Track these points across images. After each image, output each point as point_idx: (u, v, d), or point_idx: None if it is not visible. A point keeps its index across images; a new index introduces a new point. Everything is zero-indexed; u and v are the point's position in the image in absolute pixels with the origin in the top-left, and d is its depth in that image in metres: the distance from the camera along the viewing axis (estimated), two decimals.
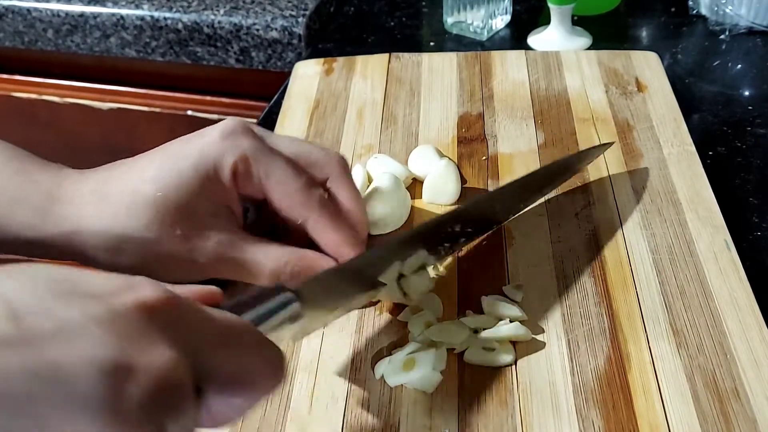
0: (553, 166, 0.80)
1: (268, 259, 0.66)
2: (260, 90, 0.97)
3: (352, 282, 0.64)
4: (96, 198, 0.66)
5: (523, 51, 1.03)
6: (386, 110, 0.94)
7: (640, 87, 0.94)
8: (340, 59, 1.04)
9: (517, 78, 0.98)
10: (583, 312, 0.67)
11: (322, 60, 1.04)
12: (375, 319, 0.68)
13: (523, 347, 0.64)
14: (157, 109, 1.34)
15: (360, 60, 1.03)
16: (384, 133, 0.90)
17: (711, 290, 0.68)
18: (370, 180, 0.81)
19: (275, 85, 1.09)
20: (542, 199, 0.78)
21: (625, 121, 0.88)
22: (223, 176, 0.65)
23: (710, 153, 0.90)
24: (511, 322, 0.65)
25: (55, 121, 1.40)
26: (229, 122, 0.67)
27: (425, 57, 1.03)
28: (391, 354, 0.65)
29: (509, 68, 0.99)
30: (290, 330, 0.54)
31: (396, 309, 0.69)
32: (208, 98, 1.31)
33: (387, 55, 1.04)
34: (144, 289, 0.42)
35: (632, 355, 0.63)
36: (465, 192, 0.80)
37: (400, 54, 1.04)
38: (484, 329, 0.65)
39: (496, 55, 1.02)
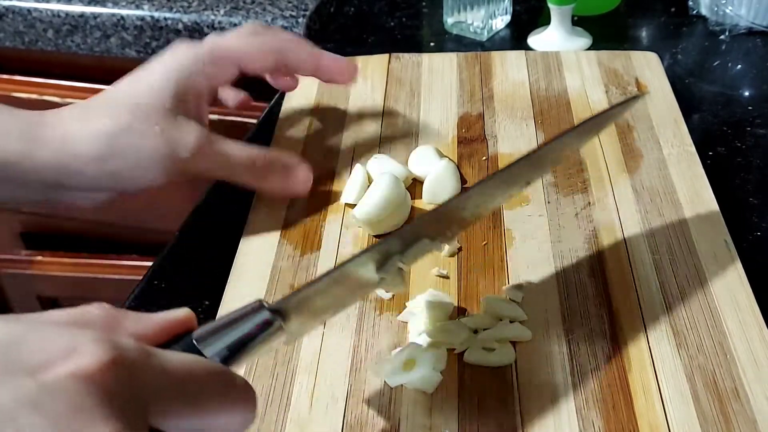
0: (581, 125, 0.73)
1: (242, 149, 0.75)
2: (261, 91, 0.97)
3: (341, 287, 0.60)
4: (78, 113, 0.74)
5: (523, 51, 1.03)
6: (386, 111, 0.94)
7: (640, 87, 0.94)
8: None
9: (517, 78, 0.97)
10: (583, 312, 0.67)
11: None
12: (375, 319, 0.68)
13: (523, 347, 0.64)
14: None
15: (360, 60, 1.03)
16: (384, 133, 0.90)
17: (711, 290, 0.68)
18: (370, 180, 0.81)
19: None
20: (543, 201, 0.78)
21: (625, 122, 0.88)
22: (196, 72, 0.77)
23: (710, 153, 0.90)
24: (511, 322, 0.65)
25: None
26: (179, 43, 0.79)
27: (425, 57, 1.03)
28: (391, 354, 0.65)
29: (509, 68, 0.99)
30: (275, 344, 0.53)
31: (396, 309, 0.69)
32: None
33: (387, 55, 1.04)
34: (84, 355, 0.40)
35: (632, 355, 0.63)
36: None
37: (400, 54, 1.04)
38: (484, 329, 0.65)
39: (496, 56, 1.02)
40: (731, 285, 0.68)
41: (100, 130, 0.72)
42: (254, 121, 0.99)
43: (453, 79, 0.99)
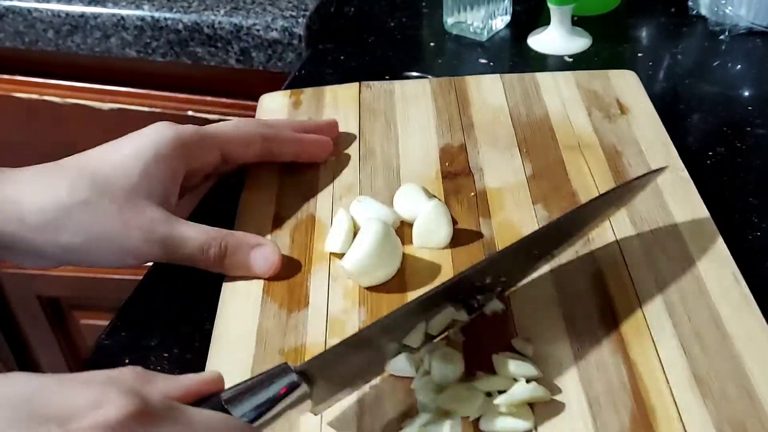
0: (598, 200, 0.73)
1: (198, 233, 0.71)
2: (260, 90, 0.97)
3: (366, 352, 0.61)
4: (37, 178, 0.70)
5: (498, 75, 0.99)
6: (362, 145, 0.89)
7: (622, 109, 0.91)
8: (308, 90, 0.99)
9: (495, 104, 0.94)
10: (599, 363, 0.63)
11: (288, 92, 0.99)
12: (377, 384, 0.63)
13: (541, 409, 0.60)
14: (158, 110, 1.34)
15: (328, 91, 0.99)
16: (363, 170, 0.86)
17: (727, 330, 0.65)
18: (356, 226, 0.76)
19: (276, 85, 1.08)
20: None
21: (612, 147, 0.86)
22: (169, 151, 0.74)
23: (710, 153, 0.89)
24: (527, 381, 0.61)
25: (55, 122, 1.40)
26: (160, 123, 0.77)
27: (397, 85, 0.98)
28: (401, 427, 0.60)
29: (486, 94, 0.96)
30: (302, 406, 0.54)
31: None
32: (209, 98, 1.30)
33: (356, 84, 0.99)
34: (110, 407, 0.41)
35: (657, 409, 0.60)
36: (457, 234, 0.76)
37: (370, 83, 0.99)
38: (498, 392, 0.61)
39: (471, 81, 0.98)
40: (747, 323, 0.65)
41: (53, 200, 0.69)
42: None
43: (429, 107, 0.94)
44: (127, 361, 0.71)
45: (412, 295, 0.71)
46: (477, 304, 0.67)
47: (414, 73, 1.09)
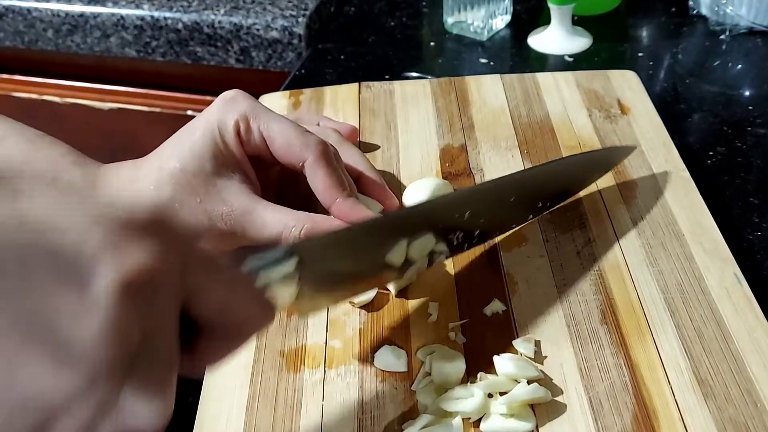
0: (574, 159, 0.79)
1: (276, 219, 0.69)
2: (260, 90, 0.97)
3: (355, 250, 0.62)
4: (129, 181, 0.71)
5: (498, 75, 0.98)
6: (362, 146, 0.89)
7: (623, 109, 0.91)
8: (308, 91, 0.99)
9: (495, 104, 0.94)
10: (601, 364, 0.63)
11: (288, 92, 0.99)
12: (378, 385, 0.63)
13: (542, 410, 0.60)
14: (158, 109, 1.34)
15: (328, 91, 0.98)
16: None
17: (729, 331, 0.64)
18: None
19: (275, 85, 1.08)
20: (541, 240, 0.75)
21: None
22: (228, 137, 0.71)
23: (710, 153, 0.89)
24: (528, 383, 0.61)
25: (55, 122, 1.40)
26: (227, 91, 0.73)
27: (397, 85, 0.98)
28: (402, 429, 0.60)
29: (486, 94, 0.95)
30: (287, 290, 0.54)
31: (400, 375, 0.64)
32: (208, 98, 1.30)
33: (356, 84, 0.99)
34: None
35: (659, 410, 0.59)
36: None
37: (370, 83, 0.99)
38: (499, 393, 0.61)
39: (471, 81, 0.98)
40: (749, 324, 0.65)
41: (146, 198, 0.70)
42: None
43: (429, 107, 0.94)
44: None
45: (412, 296, 0.71)
46: (456, 240, 0.68)
47: (414, 74, 1.09)
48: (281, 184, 0.78)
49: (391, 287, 0.71)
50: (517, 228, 0.76)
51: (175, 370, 0.41)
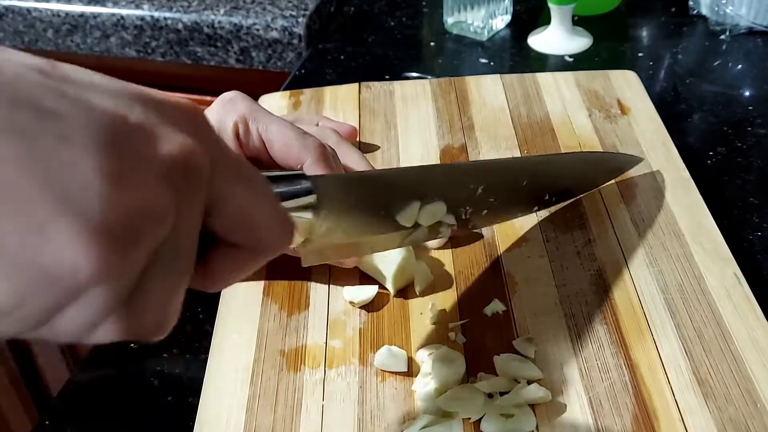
0: (586, 155, 0.79)
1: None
2: (260, 90, 0.97)
3: (370, 198, 0.61)
4: None
5: (498, 75, 0.98)
6: (362, 146, 0.89)
7: (623, 109, 0.91)
8: (308, 91, 0.99)
9: (495, 104, 0.93)
10: (601, 365, 0.63)
11: (288, 93, 0.99)
12: (378, 385, 0.63)
13: (542, 410, 0.60)
14: None
15: (328, 91, 0.98)
16: None
17: (729, 331, 0.64)
18: None
19: (275, 85, 1.08)
20: (541, 240, 0.75)
21: (613, 148, 0.85)
22: (227, 138, 0.70)
23: (711, 153, 0.89)
24: (528, 383, 0.61)
25: None
26: (226, 93, 0.73)
27: (397, 85, 0.98)
28: (402, 429, 0.60)
29: (486, 94, 0.95)
30: (303, 224, 0.54)
31: (400, 376, 0.64)
32: (208, 98, 1.30)
33: (356, 84, 0.98)
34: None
35: (659, 410, 0.59)
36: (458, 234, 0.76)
37: (370, 83, 0.98)
38: (500, 393, 0.61)
39: (471, 81, 0.98)
40: (749, 324, 0.65)
41: None
42: None
43: (429, 107, 0.94)
44: (126, 359, 0.71)
45: (412, 296, 0.71)
46: (465, 214, 0.68)
47: (414, 74, 1.09)
48: None
49: (390, 287, 0.70)
50: (519, 218, 0.76)
51: (188, 275, 0.40)
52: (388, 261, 0.70)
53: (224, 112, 0.71)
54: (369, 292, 0.70)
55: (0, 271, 0.32)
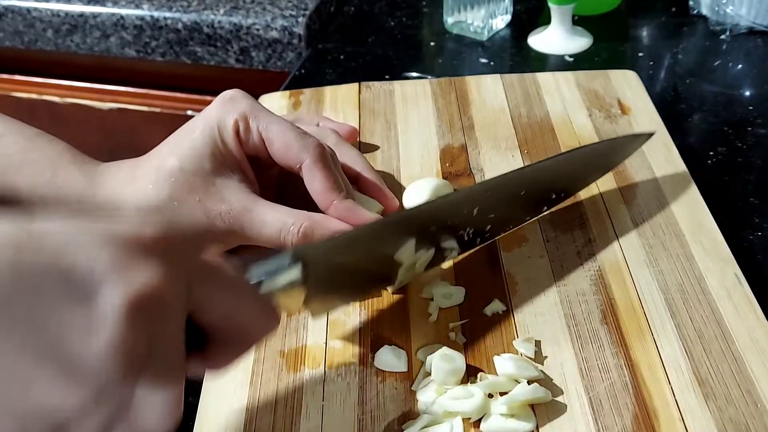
0: (584, 151, 0.79)
1: (275, 218, 0.69)
2: (260, 90, 0.97)
3: (361, 251, 0.62)
4: (127, 180, 0.71)
5: (498, 75, 0.98)
6: (362, 146, 0.89)
7: (623, 109, 0.91)
8: (307, 91, 0.98)
9: (495, 104, 0.93)
10: (602, 365, 0.63)
11: (288, 92, 0.99)
12: (378, 387, 0.63)
13: (542, 410, 0.60)
14: (157, 109, 1.34)
15: (328, 91, 0.98)
16: None
17: (730, 331, 0.64)
18: None
19: (275, 85, 1.08)
20: (541, 240, 0.74)
21: None
22: (227, 136, 0.71)
23: (711, 153, 0.89)
24: (528, 383, 0.61)
25: (55, 121, 1.40)
26: (227, 91, 0.73)
27: (397, 85, 0.98)
28: (402, 429, 0.59)
29: (486, 94, 0.95)
30: (295, 295, 0.54)
31: (400, 376, 0.64)
32: (208, 98, 1.29)
33: (356, 84, 0.98)
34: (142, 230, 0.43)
35: (659, 410, 0.59)
36: None
37: (370, 83, 0.98)
38: (500, 393, 0.61)
39: (471, 81, 0.98)
40: (749, 324, 0.65)
41: (144, 199, 0.70)
42: None
43: (429, 107, 0.94)
44: None
45: (412, 296, 0.70)
46: (467, 236, 0.68)
47: (414, 74, 1.09)
48: (280, 184, 0.78)
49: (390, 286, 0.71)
50: (524, 224, 0.76)
51: (182, 377, 0.43)
52: None
53: (225, 110, 0.71)
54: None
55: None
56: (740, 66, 1.07)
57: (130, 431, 0.40)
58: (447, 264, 0.73)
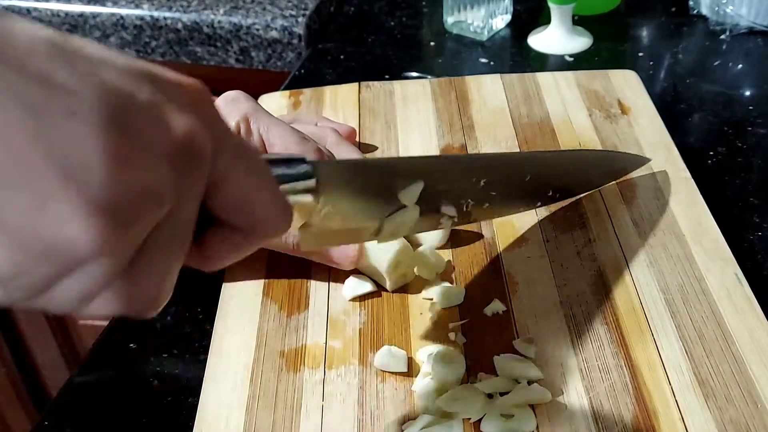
0: (592, 154, 0.79)
1: None
2: (260, 90, 0.97)
3: (372, 182, 0.61)
4: None
5: (498, 75, 0.98)
6: (362, 146, 0.88)
7: (623, 109, 0.91)
8: (307, 91, 0.98)
9: (495, 104, 0.93)
10: (602, 365, 0.63)
11: (288, 92, 0.99)
12: (378, 386, 0.63)
13: (543, 410, 0.60)
14: None
15: (328, 91, 0.98)
16: None
17: (730, 332, 0.64)
18: None
19: (275, 85, 1.08)
20: (541, 240, 0.74)
21: (613, 147, 0.85)
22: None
23: (711, 153, 0.89)
24: (528, 383, 0.61)
25: None
26: (229, 92, 0.73)
27: (397, 85, 0.98)
28: (402, 429, 0.59)
29: (486, 94, 0.95)
30: (302, 208, 0.53)
31: (400, 376, 0.64)
32: None
33: (356, 84, 0.98)
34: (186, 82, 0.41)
35: (659, 411, 0.59)
36: (457, 234, 0.76)
37: (370, 83, 0.98)
38: (500, 393, 0.61)
39: (471, 81, 0.98)
40: (749, 324, 0.65)
41: None
42: None
43: (429, 107, 0.94)
44: (126, 359, 0.71)
45: (412, 296, 0.71)
46: (466, 207, 0.67)
47: (414, 73, 1.09)
48: None
49: (387, 280, 0.70)
50: (519, 218, 0.76)
51: (183, 255, 0.41)
52: (384, 256, 0.70)
53: (227, 111, 0.71)
54: (367, 286, 0.71)
55: (1, 239, 0.33)
56: (740, 66, 1.07)
57: (117, 302, 0.38)
58: (438, 239, 0.74)
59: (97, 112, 0.34)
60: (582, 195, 0.79)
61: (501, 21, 1.16)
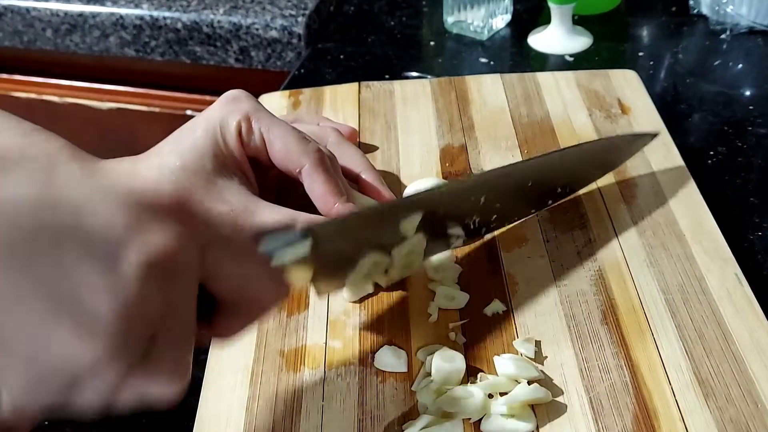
0: (591, 146, 0.79)
1: (276, 219, 0.69)
2: (260, 90, 0.97)
3: (369, 230, 0.62)
4: (128, 177, 0.70)
5: (498, 75, 0.98)
6: (362, 146, 0.88)
7: (623, 109, 0.91)
8: (307, 90, 0.98)
9: (495, 104, 0.93)
10: (602, 365, 0.63)
11: (288, 92, 0.98)
12: (378, 387, 0.63)
13: (543, 410, 0.60)
14: (157, 109, 1.34)
15: (328, 91, 0.98)
16: None
17: (730, 331, 0.64)
18: None
19: (275, 84, 1.08)
20: (541, 240, 0.74)
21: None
22: (229, 136, 0.70)
23: (711, 153, 0.89)
24: (528, 383, 0.61)
25: (54, 121, 1.40)
26: (230, 91, 0.73)
27: (397, 85, 0.98)
28: (402, 429, 0.59)
29: (486, 94, 0.95)
30: (301, 272, 0.55)
31: (400, 376, 0.64)
32: (208, 98, 1.30)
33: (356, 84, 0.98)
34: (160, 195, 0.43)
35: (659, 411, 0.59)
36: None
37: (370, 83, 0.98)
38: (500, 393, 0.61)
39: (471, 80, 0.98)
40: (750, 324, 0.65)
41: None
42: None
43: (429, 107, 0.94)
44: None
45: (412, 296, 0.70)
46: (473, 224, 0.68)
47: (414, 73, 1.09)
48: (280, 186, 0.78)
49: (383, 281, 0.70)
50: (527, 217, 0.76)
51: (191, 345, 0.44)
52: None
53: (228, 109, 0.71)
54: (369, 287, 0.71)
55: (14, 366, 0.38)
56: (740, 66, 1.07)
57: (139, 394, 0.42)
58: (448, 254, 0.73)
59: (81, 250, 0.38)
60: (585, 191, 0.79)
61: (501, 21, 1.16)
